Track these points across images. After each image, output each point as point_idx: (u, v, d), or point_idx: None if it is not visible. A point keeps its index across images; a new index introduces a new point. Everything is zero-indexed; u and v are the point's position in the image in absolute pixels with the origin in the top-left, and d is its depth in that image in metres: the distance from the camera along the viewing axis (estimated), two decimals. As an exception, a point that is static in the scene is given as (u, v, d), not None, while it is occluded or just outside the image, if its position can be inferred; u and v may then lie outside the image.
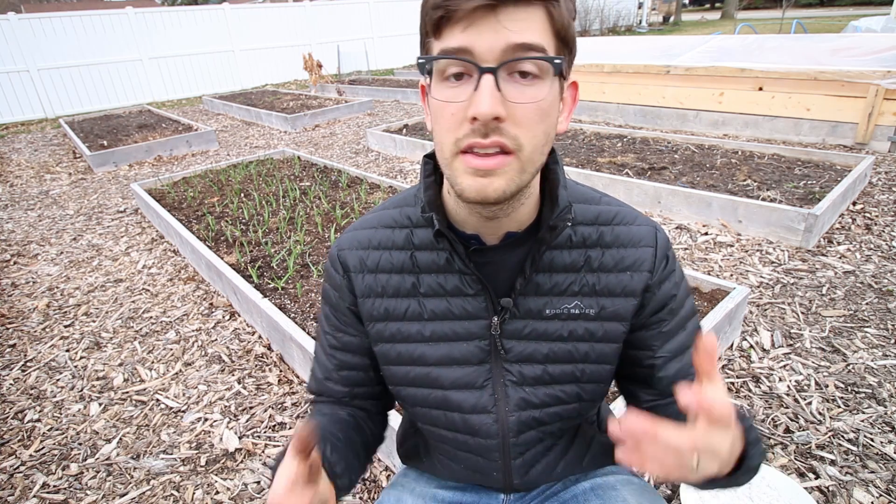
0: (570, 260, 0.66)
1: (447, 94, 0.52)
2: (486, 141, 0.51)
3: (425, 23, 0.53)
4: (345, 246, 0.71)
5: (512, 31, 0.49)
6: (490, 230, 0.63)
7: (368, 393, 0.78)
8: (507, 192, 0.53)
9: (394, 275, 0.68)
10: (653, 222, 0.69)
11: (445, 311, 0.67)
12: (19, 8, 15.83)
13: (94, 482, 1.62)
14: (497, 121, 0.50)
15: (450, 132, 0.53)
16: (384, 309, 0.69)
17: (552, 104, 0.53)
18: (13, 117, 9.16)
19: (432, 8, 0.50)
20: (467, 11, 0.48)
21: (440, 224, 0.61)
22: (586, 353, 0.68)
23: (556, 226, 0.61)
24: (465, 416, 0.70)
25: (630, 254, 0.66)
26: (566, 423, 0.72)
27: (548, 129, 0.54)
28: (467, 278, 0.66)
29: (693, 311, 0.72)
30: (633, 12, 20.73)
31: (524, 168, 0.53)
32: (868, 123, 4.11)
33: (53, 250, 3.45)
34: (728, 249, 2.74)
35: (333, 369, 0.75)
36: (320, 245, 2.88)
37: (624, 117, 5.71)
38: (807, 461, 1.49)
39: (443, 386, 0.69)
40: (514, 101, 0.50)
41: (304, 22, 12.16)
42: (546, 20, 0.50)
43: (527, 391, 0.69)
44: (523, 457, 0.73)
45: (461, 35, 0.49)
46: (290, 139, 6.27)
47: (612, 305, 0.67)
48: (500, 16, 0.48)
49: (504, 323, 0.67)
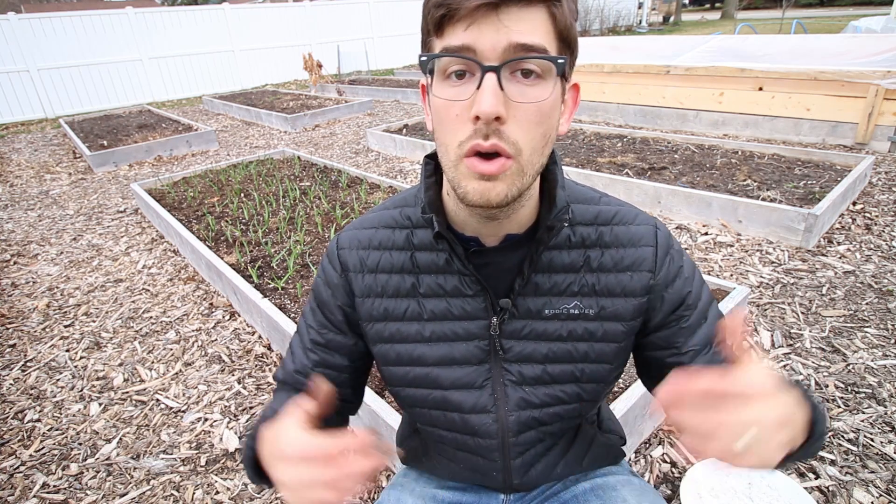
0: (569, 260, 0.66)
1: (449, 93, 0.52)
2: (487, 143, 0.51)
3: (427, 21, 0.53)
4: (344, 245, 0.71)
5: (514, 30, 0.48)
6: (490, 232, 0.63)
7: (339, 395, 0.75)
8: (509, 196, 0.53)
9: (394, 275, 0.68)
10: (653, 220, 0.69)
11: (445, 311, 0.67)
12: (19, 8, 15.83)
13: (94, 482, 1.62)
14: (498, 121, 0.50)
15: (453, 134, 0.53)
16: (384, 309, 0.69)
17: (553, 105, 0.53)
18: (13, 117, 9.16)
19: (434, 6, 0.50)
20: (469, 10, 0.48)
21: (440, 226, 0.61)
22: (586, 353, 0.68)
23: (553, 226, 0.61)
24: (465, 416, 0.70)
25: (629, 254, 0.66)
26: (566, 423, 0.72)
27: (547, 131, 0.54)
28: (466, 279, 0.66)
29: (710, 299, 0.71)
30: (633, 12, 20.73)
31: (524, 171, 0.53)
32: (868, 123, 4.11)
33: (53, 250, 3.45)
34: (728, 249, 2.74)
35: (310, 365, 0.74)
36: (320, 245, 2.88)
37: (624, 117, 5.71)
38: (807, 461, 1.49)
39: (442, 386, 0.69)
40: (516, 100, 0.50)
41: (304, 22, 12.16)
42: (548, 20, 0.50)
43: (526, 391, 0.69)
44: (523, 457, 0.73)
45: (463, 33, 0.49)
46: (290, 139, 6.27)
47: (612, 306, 0.66)
48: (502, 15, 0.48)
49: (503, 323, 0.67)
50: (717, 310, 0.71)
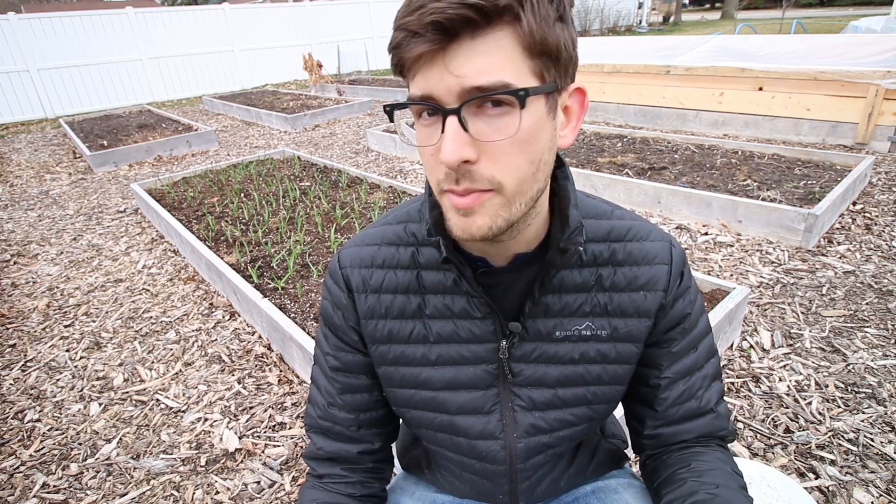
0: (580, 279, 0.63)
1: (423, 135, 0.51)
2: (459, 188, 0.49)
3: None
4: (346, 263, 0.67)
5: (465, 72, 0.44)
6: (496, 252, 0.60)
7: (374, 419, 0.73)
8: (493, 228, 0.50)
9: (398, 295, 0.65)
10: (668, 236, 0.66)
11: (452, 333, 0.64)
12: (19, 8, 15.83)
13: (94, 482, 1.62)
14: (468, 164, 0.47)
15: (433, 172, 0.52)
16: (388, 331, 0.66)
17: (535, 128, 0.48)
18: (13, 117, 9.15)
19: (390, 52, 0.48)
20: (412, 60, 0.46)
21: (447, 250, 0.58)
22: (598, 376, 0.65)
23: (566, 249, 0.58)
24: (472, 442, 0.68)
25: (644, 272, 0.63)
26: (573, 442, 0.71)
27: (534, 156, 0.49)
28: (475, 301, 0.63)
29: (706, 330, 0.69)
30: (633, 12, 20.72)
31: (510, 202, 0.50)
32: (868, 123, 4.11)
33: (53, 250, 3.45)
34: (728, 249, 2.74)
35: (337, 393, 0.71)
36: (320, 245, 2.88)
37: (624, 117, 5.71)
38: (807, 461, 1.49)
39: (449, 411, 0.67)
40: (485, 139, 0.47)
41: (304, 22, 12.15)
42: (513, 43, 0.45)
43: (536, 416, 0.66)
44: (530, 480, 0.71)
45: (421, 80, 0.47)
46: (290, 139, 6.27)
47: (626, 326, 0.64)
48: (449, 58, 0.44)
49: (512, 347, 0.64)
50: (711, 344, 0.69)
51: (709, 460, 0.65)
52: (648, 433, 0.70)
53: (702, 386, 0.68)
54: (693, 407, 0.67)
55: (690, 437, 0.68)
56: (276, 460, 1.64)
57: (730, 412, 0.74)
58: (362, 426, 0.72)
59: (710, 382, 0.68)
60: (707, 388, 0.68)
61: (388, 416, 0.74)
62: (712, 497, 0.59)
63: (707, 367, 0.68)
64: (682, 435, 0.68)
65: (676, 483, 0.64)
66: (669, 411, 0.68)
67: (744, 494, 0.61)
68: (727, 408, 0.70)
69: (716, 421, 0.68)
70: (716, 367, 0.69)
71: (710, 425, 0.68)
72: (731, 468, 0.64)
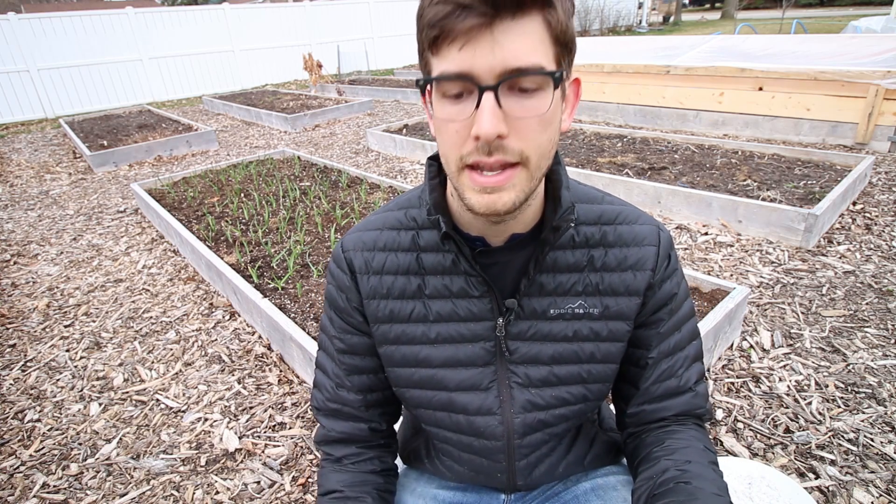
0: (573, 260, 0.66)
1: (449, 112, 0.52)
2: (491, 160, 0.51)
3: (422, 39, 0.52)
4: (349, 247, 0.70)
5: (508, 50, 0.48)
6: (495, 233, 0.64)
7: (381, 399, 0.76)
8: (517, 202, 0.54)
9: (399, 276, 0.68)
10: (656, 221, 0.70)
11: (451, 312, 0.67)
12: (19, 8, 15.83)
13: (94, 482, 1.62)
14: (500, 138, 0.50)
15: (454, 148, 0.53)
16: (389, 310, 0.69)
17: (555, 111, 0.53)
18: (13, 117, 9.16)
19: (428, 26, 0.50)
20: (464, 31, 0.47)
21: (447, 226, 0.61)
22: (592, 353, 0.68)
23: (559, 227, 0.62)
24: (470, 418, 0.70)
25: (633, 253, 0.67)
26: (570, 423, 0.72)
27: (552, 136, 0.54)
28: (473, 280, 0.66)
29: (691, 313, 0.72)
30: (633, 12, 20.73)
31: (532, 176, 0.54)
32: (868, 123, 4.11)
33: (53, 250, 3.45)
34: (728, 249, 2.74)
35: (344, 375, 0.74)
36: (320, 245, 2.88)
37: (624, 117, 5.71)
38: (807, 461, 1.49)
39: (448, 388, 0.69)
40: (516, 115, 0.50)
41: (304, 22, 12.15)
42: (544, 29, 0.50)
43: (532, 393, 0.69)
44: (527, 458, 0.73)
45: (458, 55, 0.49)
46: (290, 139, 6.27)
47: (616, 305, 0.67)
48: (496, 32, 0.47)
49: (509, 324, 0.67)
50: (694, 327, 0.73)
51: (683, 438, 0.67)
52: (631, 411, 0.73)
53: (682, 365, 0.71)
54: (673, 385, 0.70)
55: (669, 414, 0.71)
56: (276, 460, 1.64)
57: (708, 393, 0.77)
58: (370, 406, 0.76)
59: (690, 363, 0.71)
60: (687, 368, 0.71)
61: (392, 396, 0.78)
62: (682, 473, 0.61)
63: (689, 349, 0.71)
64: (662, 412, 0.71)
65: (651, 462, 0.67)
66: (651, 389, 0.71)
67: (713, 469, 0.63)
68: (706, 388, 0.73)
69: (694, 399, 0.71)
70: (697, 349, 0.72)
71: (688, 403, 0.71)
72: (704, 445, 0.67)
